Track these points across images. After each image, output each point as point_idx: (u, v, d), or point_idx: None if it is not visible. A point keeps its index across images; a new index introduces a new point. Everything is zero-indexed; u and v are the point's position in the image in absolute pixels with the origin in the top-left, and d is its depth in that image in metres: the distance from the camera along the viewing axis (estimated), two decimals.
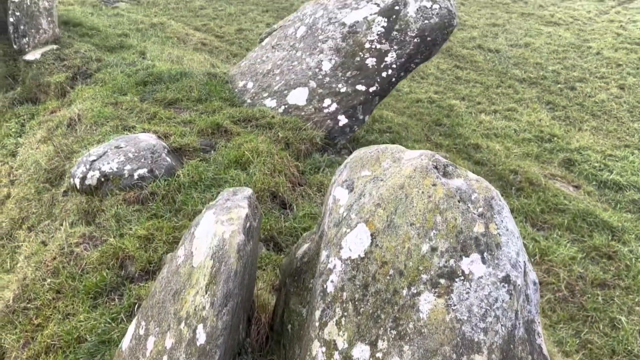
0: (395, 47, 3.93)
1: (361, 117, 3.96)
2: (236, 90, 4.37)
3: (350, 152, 4.50)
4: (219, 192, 3.02)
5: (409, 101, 6.94)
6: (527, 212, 4.56)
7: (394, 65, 3.93)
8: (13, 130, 4.20)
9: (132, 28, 8.54)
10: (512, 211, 4.47)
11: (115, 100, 3.94)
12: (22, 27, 4.88)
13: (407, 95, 7.11)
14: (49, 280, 2.45)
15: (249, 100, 4.20)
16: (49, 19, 5.01)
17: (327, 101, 3.95)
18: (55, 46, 4.97)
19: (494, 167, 5.17)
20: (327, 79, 4.02)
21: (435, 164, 1.36)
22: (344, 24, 4.13)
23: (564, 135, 6.22)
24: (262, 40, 4.79)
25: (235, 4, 11.80)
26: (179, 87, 4.20)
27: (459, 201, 1.27)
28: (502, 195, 4.41)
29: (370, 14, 4.04)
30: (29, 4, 4.89)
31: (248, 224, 1.56)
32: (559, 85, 7.65)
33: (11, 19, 4.86)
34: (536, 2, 12.59)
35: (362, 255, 1.32)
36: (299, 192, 3.31)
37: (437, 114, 6.47)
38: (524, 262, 1.28)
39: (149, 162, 3.02)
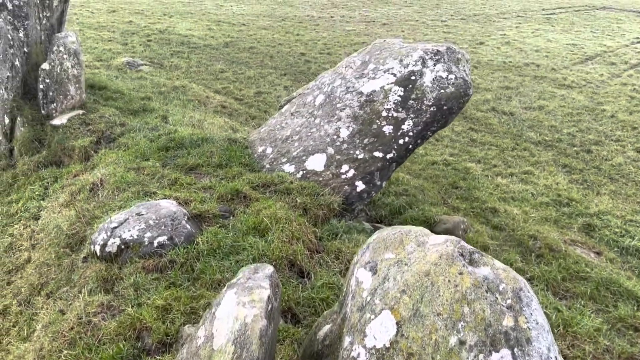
0: (411, 115, 4.00)
1: (378, 183, 3.99)
2: (255, 155, 4.45)
3: (368, 216, 4.52)
4: (237, 261, 3.03)
5: (424, 163, 6.98)
6: (548, 279, 4.46)
7: (411, 133, 3.99)
8: (37, 193, 4.29)
9: (155, 91, 8.84)
10: (532, 279, 4.39)
11: (137, 166, 4.03)
12: (51, 93, 5.08)
13: (423, 157, 7.17)
14: (65, 352, 2.42)
15: (267, 166, 4.26)
16: (77, 85, 5.22)
17: (344, 167, 4.00)
18: (81, 111, 5.15)
19: (513, 232, 5.11)
20: (345, 145, 4.09)
21: (461, 251, 1.35)
22: (361, 93, 4.24)
23: (582, 199, 6.17)
24: (281, 107, 4.92)
25: (254, 68, 12.20)
26: (200, 153, 4.29)
27: (486, 291, 1.25)
28: (521, 262, 4.34)
29: (387, 84, 4.14)
30: (58, 71, 5.11)
31: (270, 306, 1.55)
32: (575, 148, 7.67)
33: (41, 86, 5.06)
34: (548, 65, 12.85)
35: (388, 345, 1.30)
36: (317, 260, 3.29)
37: (453, 176, 6.48)
38: (555, 357, 1.24)
39: (169, 229, 3.05)
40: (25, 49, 5.03)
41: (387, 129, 4.02)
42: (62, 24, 5.99)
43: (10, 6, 4.85)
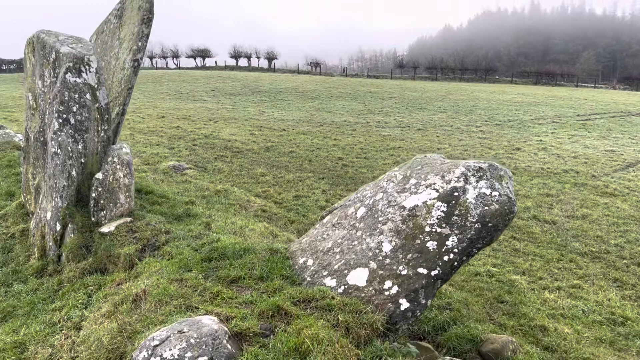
0: (456, 231, 3.96)
1: (423, 301, 3.87)
2: (296, 266, 4.43)
3: (410, 332, 4.33)
4: None
5: (467, 274, 6.79)
6: None
7: (456, 250, 3.92)
8: (80, 301, 4.33)
9: (199, 195, 9.11)
10: None
11: (180, 277, 4.06)
12: (102, 201, 5.30)
13: (465, 267, 6.99)
14: None
15: (308, 278, 4.22)
16: (127, 193, 5.44)
17: (387, 283, 3.92)
18: (129, 219, 5.32)
19: (566, 355, 4.79)
20: (388, 260, 4.04)
21: None
22: (403, 207, 4.25)
23: (638, 318, 5.80)
24: (322, 217, 4.97)
25: (293, 171, 12.52)
26: (241, 264, 4.30)
27: None
28: None
29: (430, 199, 4.16)
30: (111, 180, 5.36)
31: None
32: (625, 261, 7.35)
33: (93, 194, 5.30)
34: (588, 172, 12.73)
35: None
36: None
37: (497, 289, 6.25)
38: None
39: (210, 349, 2.99)
40: (82, 160, 5.34)
41: (431, 245, 3.97)
42: (117, 134, 6.39)
43: (73, 121, 5.23)
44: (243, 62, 72.59)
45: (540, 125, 21.18)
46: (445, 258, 3.93)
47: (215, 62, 72.05)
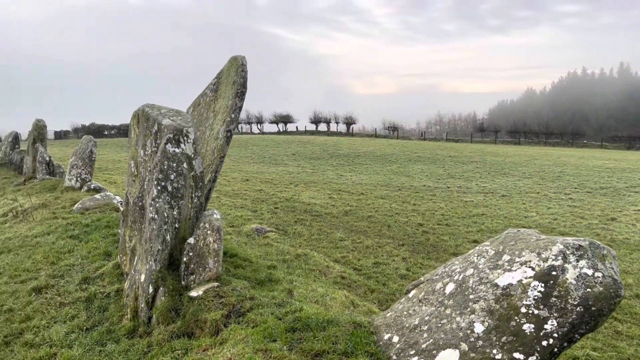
0: (555, 314, 3.69)
1: None
2: (381, 343, 4.29)
3: None
4: None
5: (563, 357, 6.25)
6: None
7: (555, 335, 3.64)
8: None
9: (279, 259, 9.22)
10: None
11: (265, 347, 4.05)
12: (192, 265, 5.49)
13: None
14: None
15: (394, 357, 4.06)
16: (216, 258, 5.61)
17: None
18: (216, 284, 5.45)
19: None
20: (480, 342, 3.81)
21: None
22: (496, 285, 4.05)
23: None
24: (408, 291, 4.83)
25: (372, 237, 12.41)
26: (325, 337, 4.23)
27: None
28: None
29: (525, 278, 3.94)
30: (201, 245, 5.57)
31: None
32: None
33: (185, 258, 5.51)
34: None
35: None
36: None
37: None
38: None
39: None
40: (176, 225, 5.61)
41: (528, 328, 3.71)
42: (208, 200, 6.69)
43: (170, 188, 5.56)
44: (322, 127, 74.81)
45: (636, 194, 19.75)
46: (544, 343, 3.64)
47: (296, 127, 74.81)
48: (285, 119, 75.27)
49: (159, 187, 5.54)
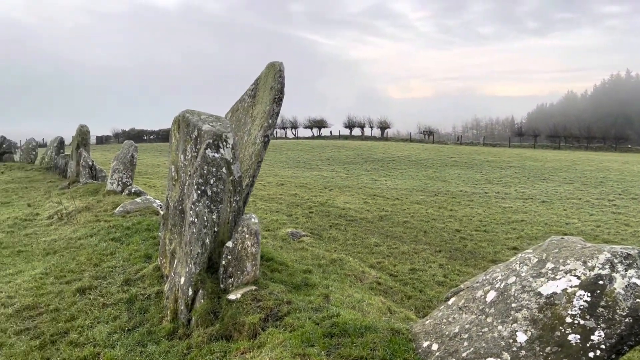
0: (602, 325, 3.57)
1: None
2: (420, 350, 4.23)
3: None
4: None
5: None
6: None
7: (602, 346, 3.51)
8: None
9: (315, 263, 9.22)
10: None
11: (303, 352, 4.06)
12: (230, 269, 5.56)
13: None
14: None
15: None
16: (253, 262, 5.66)
17: None
18: (253, 287, 5.50)
19: None
20: (523, 352, 3.71)
21: None
22: (539, 294, 3.94)
23: None
24: (447, 298, 4.76)
25: (408, 243, 12.29)
26: (363, 343, 4.21)
27: None
28: None
29: (570, 287, 3.82)
30: (239, 249, 5.63)
31: None
32: None
33: (223, 262, 5.59)
34: None
35: None
36: None
37: None
38: None
39: None
40: (215, 229, 5.69)
41: (573, 339, 3.60)
42: (245, 204, 6.76)
43: (209, 193, 5.65)
44: (356, 131, 74.75)
45: None
46: (591, 355, 3.52)
47: (330, 131, 74.94)
48: (319, 124, 75.53)
49: (199, 192, 5.63)
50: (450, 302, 4.64)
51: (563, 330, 3.68)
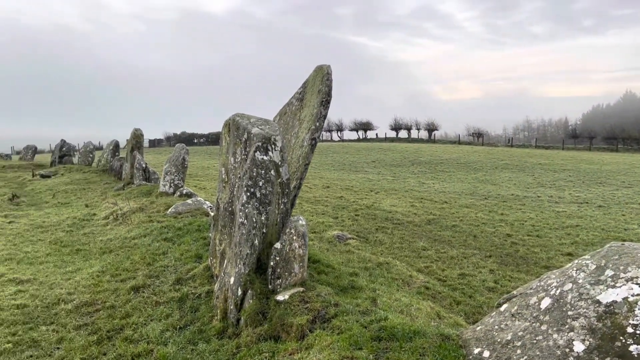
0: None
1: None
2: (470, 357, 4.14)
3: None
4: None
5: None
6: None
7: None
8: None
9: (361, 267, 9.19)
10: None
11: (351, 355, 4.05)
12: (278, 270, 5.62)
13: None
14: None
15: None
16: (301, 264, 5.70)
17: None
18: (301, 289, 5.53)
19: None
20: None
21: None
22: (598, 302, 3.78)
23: None
24: (499, 305, 4.63)
25: (457, 247, 12.07)
26: (411, 348, 4.16)
27: None
28: None
29: (632, 295, 3.64)
30: (287, 250, 5.69)
31: None
32: None
33: (272, 263, 5.65)
34: None
35: None
36: None
37: None
38: None
39: None
40: (264, 230, 5.77)
41: (635, 350, 3.43)
42: (293, 206, 6.82)
43: (258, 195, 5.73)
44: (403, 133, 74.04)
45: None
46: None
47: (376, 134, 74.55)
48: (365, 126, 75.27)
49: (248, 194, 5.73)
50: (502, 309, 4.52)
51: (624, 341, 3.51)
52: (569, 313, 3.89)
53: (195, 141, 68.75)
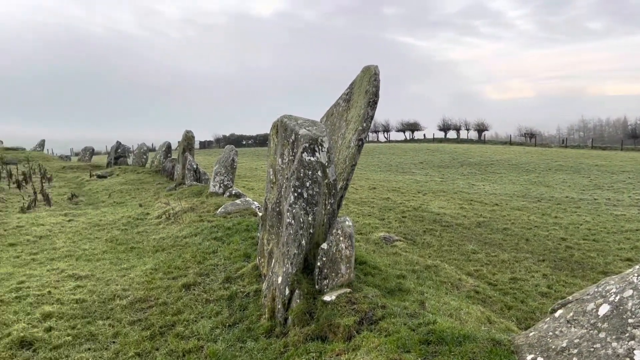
0: None
1: None
2: None
3: None
4: None
5: None
6: None
7: None
8: None
9: (408, 269, 9.09)
10: None
11: (399, 357, 4.01)
12: (325, 270, 5.64)
13: None
14: None
15: None
16: (348, 265, 5.69)
17: None
18: (348, 290, 5.53)
19: None
20: None
21: None
22: None
23: None
24: (554, 310, 4.47)
25: (508, 251, 11.76)
26: (461, 353, 4.08)
27: None
28: None
29: None
30: (334, 251, 5.69)
31: None
32: None
33: (318, 263, 5.68)
34: None
35: None
36: None
37: None
38: None
39: None
40: (311, 230, 5.80)
41: None
42: (339, 207, 6.83)
43: (305, 195, 5.77)
44: (451, 134, 72.74)
45: None
46: None
47: (424, 135, 73.58)
48: (412, 127, 74.45)
49: (296, 194, 5.77)
50: (557, 315, 4.36)
51: None
52: (630, 321, 3.71)
53: (244, 143, 69.99)
